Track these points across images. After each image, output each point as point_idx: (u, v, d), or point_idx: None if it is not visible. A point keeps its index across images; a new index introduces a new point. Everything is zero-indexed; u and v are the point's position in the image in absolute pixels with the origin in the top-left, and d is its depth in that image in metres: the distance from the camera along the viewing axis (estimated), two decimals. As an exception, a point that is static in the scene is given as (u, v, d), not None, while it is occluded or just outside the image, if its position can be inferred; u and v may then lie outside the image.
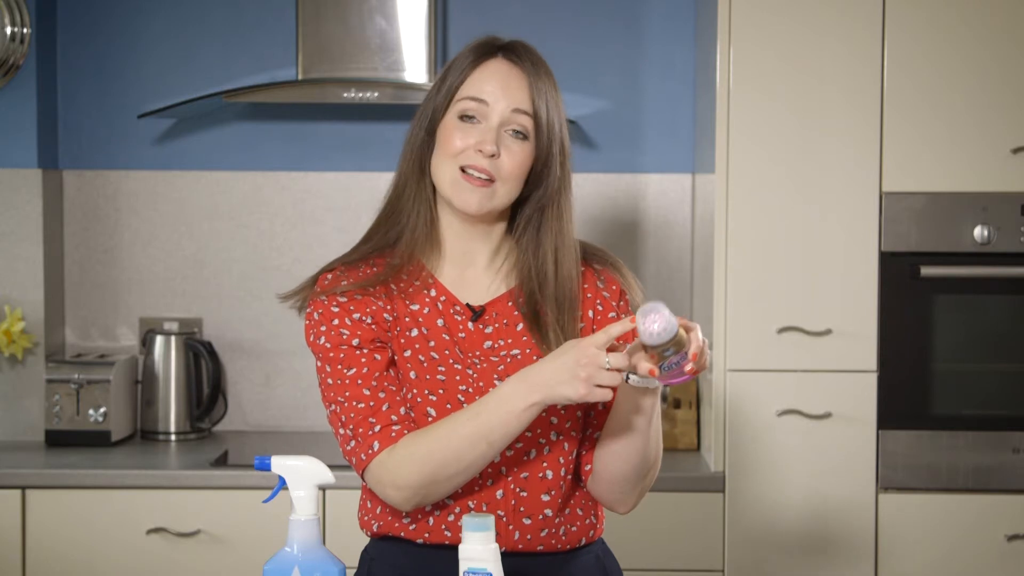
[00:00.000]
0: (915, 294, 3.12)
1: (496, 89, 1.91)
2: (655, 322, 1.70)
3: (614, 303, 2.00)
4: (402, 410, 1.88)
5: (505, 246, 2.00)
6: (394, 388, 1.89)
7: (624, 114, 3.60)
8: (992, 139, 3.09)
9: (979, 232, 3.10)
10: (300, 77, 3.46)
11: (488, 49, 1.94)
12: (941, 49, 3.09)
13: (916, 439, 3.12)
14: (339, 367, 1.90)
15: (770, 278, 3.11)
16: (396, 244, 1.97)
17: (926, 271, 3.10)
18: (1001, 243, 3.11)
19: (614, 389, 1.76)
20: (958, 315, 3.14)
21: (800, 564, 3.11)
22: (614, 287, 2.01)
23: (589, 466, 1.96)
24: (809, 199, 3.11)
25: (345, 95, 3.35)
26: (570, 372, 1.74)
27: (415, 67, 3.45)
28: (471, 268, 1.98)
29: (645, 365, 1.74)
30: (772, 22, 3.09)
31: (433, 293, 1.96)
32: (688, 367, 1.73)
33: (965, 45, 3.09)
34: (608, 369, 1.72)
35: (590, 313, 1.99)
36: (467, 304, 1.96)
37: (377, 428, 1.86)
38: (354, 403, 1.88)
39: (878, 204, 3.11)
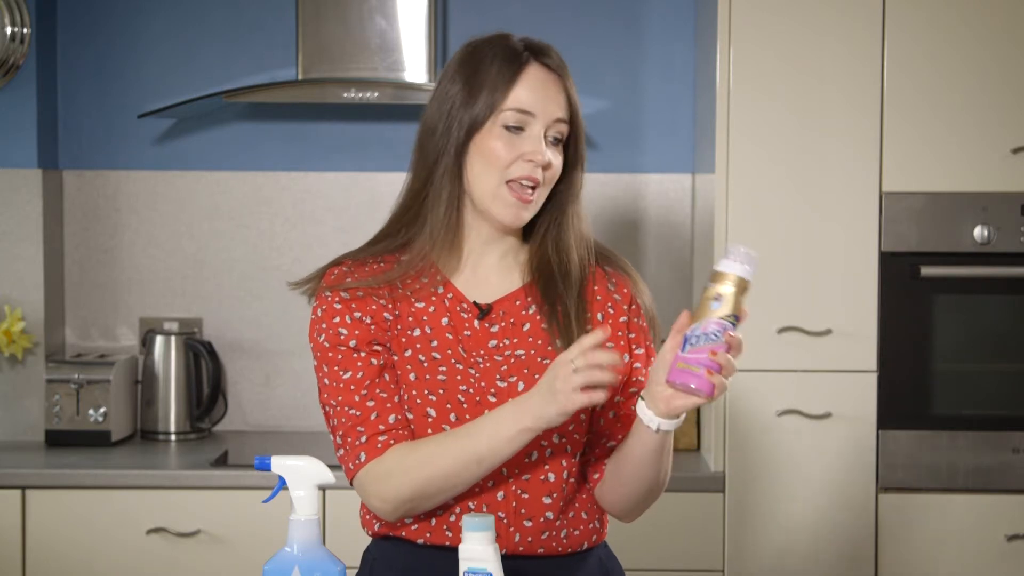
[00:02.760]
0: (915, 294, 3.12)
1: (540, 99, 1.91)
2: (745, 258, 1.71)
3: (625, 307, 1.99)
4: (391, 418, 1.87)
5: (515, 244, 2.00)
6: (386, 395, 1.88)
7: (624, 114, 3.60)
8: (992, 139, 3.09)
9: (979, 232, 3.10)
10: (300, 77, 3.46)
11: (521, 56, 1.92)
12: (941, 49, 3.09)
13: (916, 439, 3.12)
14: (335, 368, 1.89)
15: (770, 278, 3.11)
16: (411, 243, 1.95)
17: (926, 271, 3.09)
18: (1001, 243, 3.11)
19: (607, 390, 1.74)
20: (958, 315, 3.14)
21: (800, 564, 3.11)
22: (625, 291, 2.00)
23: (598, 475, 1.96)
24: (809, 199, 3.11)
25: (345, 95, 3.35)
26: (549, 391, 1.75)
27: (415, 67, 3.45)
28: (481, 267, 1.97)
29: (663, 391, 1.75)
30: (772, 22, 3.09)
31: (441, 291, 1.95)
32: (711, 361, 1.71)
33: (965, 45, 3.09)
34: (575, 370, 1.71)
35: (599, 316, 1.97)
36: (474, 302, 1.95)
37: (363, 439, 1.86)
38: (346, 408, 1.88)
39: (878, 204, 3.11)
